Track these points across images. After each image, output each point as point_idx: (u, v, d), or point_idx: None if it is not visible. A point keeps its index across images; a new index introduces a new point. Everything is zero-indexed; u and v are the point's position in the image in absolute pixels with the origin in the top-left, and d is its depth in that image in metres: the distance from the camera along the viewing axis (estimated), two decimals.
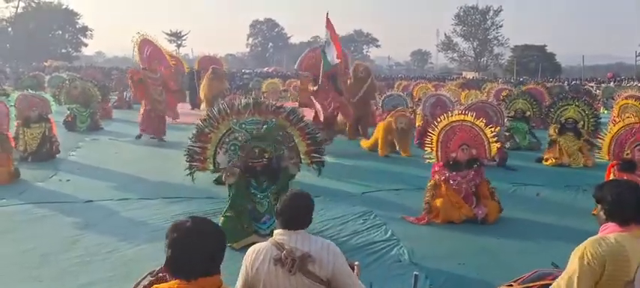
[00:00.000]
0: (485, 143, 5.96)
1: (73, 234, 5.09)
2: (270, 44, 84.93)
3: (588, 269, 2.31)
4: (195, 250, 1.93)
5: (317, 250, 2.58)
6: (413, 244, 4.94)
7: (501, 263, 4.56)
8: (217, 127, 5.01)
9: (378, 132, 10.40)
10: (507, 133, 10.94)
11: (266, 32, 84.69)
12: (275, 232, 2.67)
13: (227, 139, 5.03)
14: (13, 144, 7.70)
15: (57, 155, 9.07)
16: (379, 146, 10.11)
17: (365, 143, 10.76)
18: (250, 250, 2.66)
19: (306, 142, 5.17)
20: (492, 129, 6.10)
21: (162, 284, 1.95)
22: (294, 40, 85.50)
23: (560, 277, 2.43)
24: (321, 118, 10.25)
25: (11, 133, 7.90)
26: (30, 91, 10.02)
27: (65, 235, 5.06)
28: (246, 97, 5.19)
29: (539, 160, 9.68)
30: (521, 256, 4.74)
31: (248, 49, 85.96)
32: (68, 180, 7.41)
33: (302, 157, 5.18)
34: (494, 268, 4.39)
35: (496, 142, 6.07)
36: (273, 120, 5.03)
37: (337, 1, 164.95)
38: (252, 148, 4.95)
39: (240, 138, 5.00)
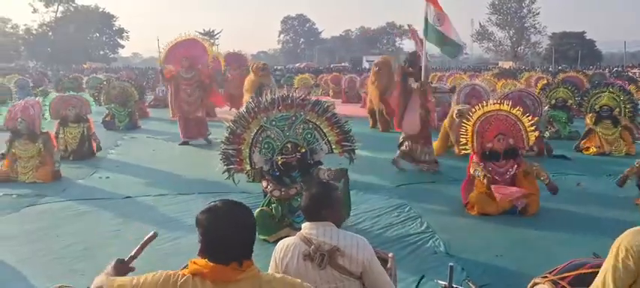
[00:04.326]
0: (523, 132, 5.83)
1: (113, 229, 5.23)
2: (302, 40, 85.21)
3: (623, 267, 2.09)
4: (230, 234, 1.93)
5: (346, 245, 2.54)
6: (449, 236, 4.88)
7: (540, 255, 4.45)
8: (248, 126, 5.02)
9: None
10: (549, 124, 10.72)
11: (297, 28, 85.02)
12: (303, 225, 2.65)
13: (260, 138, 5.03)
14: (55, 144, 7.94)
15: (97, 153, 9.35)
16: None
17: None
18: (279, 245, 2.65)
19: (336, 132, 5.15)
20: (530, 118, 5.95)
21: (197, 259, 1.96)
22: (326, 34, 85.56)
23: (597, 277, 2.29)
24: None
25: (53, 132, 8.19)
26: (71, 92, 10.35)
27: (105, 230, 5.21)
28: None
29: (579, 149, 9.41)
30: (561, 247, 4.62)
31: (280, 46, 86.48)
32: (108, 177, 7.61)
33: (333, 146, 5.17)
34: (532, 260, 4.28)
35: (534, 130, 5.92)
36: (302, 113, 5.03)
37: None
38: (285, 144, 4.97)
39: (272, 135, 5.02)
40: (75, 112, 9.28)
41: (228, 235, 1.92)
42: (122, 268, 2.20)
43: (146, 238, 2.30)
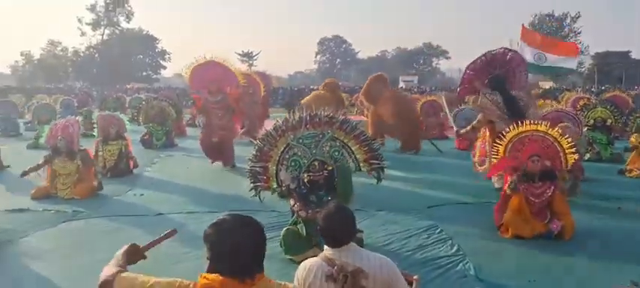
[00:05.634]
0: (561, 154, 5.64)
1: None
2: (338, 60, 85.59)
3: None
4: (237, 247, 1.91)
5: (370, 266, 2.50)
6: (480, 260, 4.74)
7: (576, 281, 4.28)
8: (276, 144, 5.06)
9: None
10: (589, 145, 10.36)
11: (334, 49, 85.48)
12: (325, 247, 2.63)
13: (287, 156, 5.06)
14: (93, 159, 8.22)
15: (134, 170, 9.58)
16: None
17: None
18: (302, 265, 2.63)
19: (364, 150, 5.12)
20: (568, 139, 5.74)
21: (207, 274, 1.93)
22: (362, 55, 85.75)
23: None
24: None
25: (91, 149, 8.46)
26: (107, 112, 10.71)
27: None
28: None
29: (622, 171, 9.04)
30: (598, 273, 4.43)
31: (316, 66, 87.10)
32: (142, 194, 7.77)
33: (361, 164, 5.14)
34: (568, 286, 4.11)
35: (575, 152, 5.71)
36: (329, 131, 5.03)
37: (405, 15, 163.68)
38: (312, 162, 4.97)
39: (299, 153, 5.04)
40: (116, 130, 9.60)
41: (235, 249, 1.90)
42: (135, 253, 2.20)
43: (166, 232, 2.32)
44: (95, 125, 9.63)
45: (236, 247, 1.91)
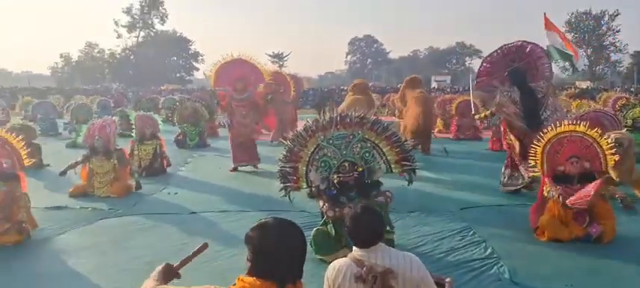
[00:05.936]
0: (601, 155, 5.47)
1: (177, 244, 5.39)
2: (369, 60, 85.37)
3: None
4: (280, 251, 1.90)
5: (398, 265, 2.50)
6: (515, 263, 4.64)
7: (615, 286, 4.13)
8: (306, 144, 5.05)
9: None
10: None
11: (365, 49, 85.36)
12: (354, 248, 2.63)
13: (317, 157, 5.05)
14: (129, 159, 8.40)
15: (168, 170, 9.76)
16: None
17: None
18: (331, 266, 2.65)
19: (396, 151, 5.07)
20: (608, 140, 5.56)
21: (245, 277, 1.93)
22: (393, 55, 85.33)
23: None
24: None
25: (127, 149, 8.64)
26: (141, 112, 10.95)
27: (170, 244, 5.39)
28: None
29: None
30: (638, 278, 4.26)
31: (347, 67, 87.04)
32: (176, 193, 7.90)
33: (393, 166, 5.09)
34: None
35: (614, 154, 5.52)
36: (359, 132, 5.00)
37: (438, 14, 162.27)
38: (342, 163, 4.95)
39: (329, 154, 5.02)
40: (151, 130, 9.81)
41: (278, 253, 1.89)
42: (170, 273, 2.22)
43: (197, 248, 2.34)
44: (133, 126, 9.80)
45: (278, 250, 1.90)
